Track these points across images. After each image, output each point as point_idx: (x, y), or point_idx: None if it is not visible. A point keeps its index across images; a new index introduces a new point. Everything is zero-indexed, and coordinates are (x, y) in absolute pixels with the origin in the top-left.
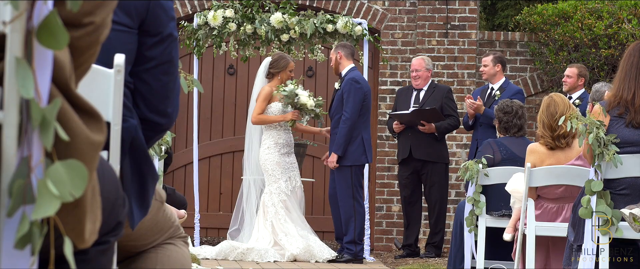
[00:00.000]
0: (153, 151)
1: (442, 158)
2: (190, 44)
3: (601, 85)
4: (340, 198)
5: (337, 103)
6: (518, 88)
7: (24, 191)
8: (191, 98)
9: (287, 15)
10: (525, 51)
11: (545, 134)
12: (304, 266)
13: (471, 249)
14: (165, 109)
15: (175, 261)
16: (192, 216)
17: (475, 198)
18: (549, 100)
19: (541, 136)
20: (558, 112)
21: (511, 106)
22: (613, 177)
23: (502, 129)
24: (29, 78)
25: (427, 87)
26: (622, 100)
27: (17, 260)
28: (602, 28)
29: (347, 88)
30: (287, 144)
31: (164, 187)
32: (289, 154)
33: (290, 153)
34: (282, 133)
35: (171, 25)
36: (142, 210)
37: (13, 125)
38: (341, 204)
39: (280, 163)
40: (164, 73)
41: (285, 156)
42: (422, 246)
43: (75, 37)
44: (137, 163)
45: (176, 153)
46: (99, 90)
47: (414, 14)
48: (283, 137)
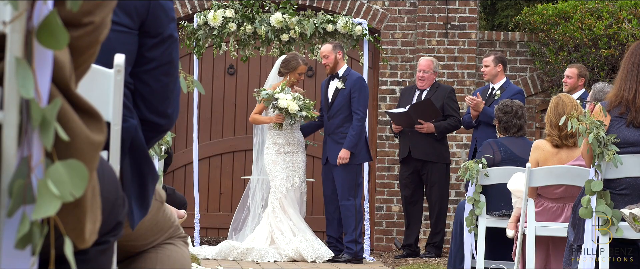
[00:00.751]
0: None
1: (442, 158)
2: (190, 44)
3: (602, 85)
4: (341, 196)
5: (341, 101)
6: (518, 88)
7: (24, 191)
8: (191, 98)
9: (287, 15)
10: (525, 51)
11: (552, 133)
12: (304, 266)
13: (471, 249)
14: (165, 110)
15: (175, 261)
16: (192, 216)
17: (475, 198)
18: (557, 100)
19: (548, 135)
20: (566, 112)
21: (511, 106)
22: (613, 177)
23: (501, 129)
24: (29, 78)
25: (429, 87)
26: (624, 99)
27: (17, 260)
28: (602, 28)
29: (357, 87)
30: (289, 144)
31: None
32: (292, 153)
33: (295, 153)
34: (282, 133)
35: (171, 27)
36: (142, 210)
37: (13, 125)
38: (343, 203)
39: (276, 162)
40: (164, 74)
41: (286, 156)
42: (422, 246)
43: (75, 37)
44: (137, 163)
45: (176, 153)
46: (99, 90)
47: (414, 14)
48: (282, 137)
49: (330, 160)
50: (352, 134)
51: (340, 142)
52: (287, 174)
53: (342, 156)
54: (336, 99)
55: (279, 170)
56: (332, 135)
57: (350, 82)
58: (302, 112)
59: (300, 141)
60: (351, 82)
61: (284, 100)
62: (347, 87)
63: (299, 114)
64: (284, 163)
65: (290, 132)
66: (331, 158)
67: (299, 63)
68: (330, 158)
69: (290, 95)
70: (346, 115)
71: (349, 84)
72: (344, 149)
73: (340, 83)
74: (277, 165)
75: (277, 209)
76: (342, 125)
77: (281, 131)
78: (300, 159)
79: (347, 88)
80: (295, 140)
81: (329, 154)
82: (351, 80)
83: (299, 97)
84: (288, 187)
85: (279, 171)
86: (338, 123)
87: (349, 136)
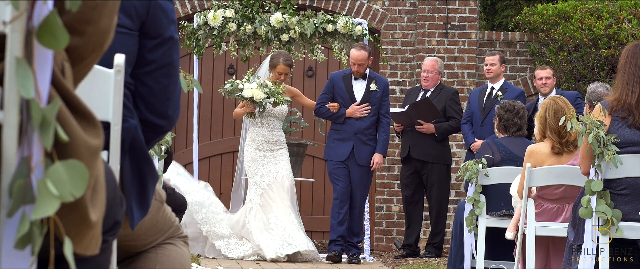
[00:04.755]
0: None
1: (442, 159)
2: (190, 44)
3: (596, 85)
4: (361, 198)
5: (373, 102)
6: (520, 90)
7: (24, 191)
8: (191, 98)
9: (287, 15)
10: (525, 51)
11: (553, 138)
12: (304, 266)
13: (471, 249)
14: (165, 111)
15: (174, 261)
16: None
17: (475, 198)
18: (556, 106)
19: (549, 140)
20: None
21: (513, 105)
22: (613, 177)
23: (501, 127)
24: (29, 78)
25: (434, 88)
26: (626, 103)
27: (17, 260)
28: (602, 28)
29: (387, 91)
30: (268, 141)
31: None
32: (272, 150)
33: (276, 150)
34: (261, 130)
35: (172, 28)
36: (142, 210)
37: (13, 125)
38: (362, 204)
39: (255, 159)
40: (165, 75)
41: (266, 152)
42: (422, 247)
43: (76, 45)
44: (137, 163)
45: (176, 153)
46: (99, 90)
47: (414, 14)
48: (262, 134)
49: (359, 161)
50: (385, 138)
51: (368, 143)
52: (269, 168)
53: (379, 161)
54: (370, 100)
55: (259, 166)
56: (359, 135)
57: (381, 84)
58: (270, 98)
59: (281, 140)
60: (382, 85)
61: (248, 90)
62: (379, 89)
63: (266, 101)
64: (265, 158)
65: (270, 130)
66: (359, 158)
67: (277, 61)
68: (358, 158)
69: (255, 83)
70: (374, 117)
71: (381, 87)
72: (380, 154)
73: (374, 85)
74: (256, 163)
75: (255, 207)
76: (371, 126)
77: (261, 128)
78: (282, 152)
79: (379, 91)
80: (275, 138)
81: (356, 154)
82: (382, 82)
83: (264, 84)
84: (269, 183)
85: (258, 167)
86: (368, 124)
87: (381, 141)
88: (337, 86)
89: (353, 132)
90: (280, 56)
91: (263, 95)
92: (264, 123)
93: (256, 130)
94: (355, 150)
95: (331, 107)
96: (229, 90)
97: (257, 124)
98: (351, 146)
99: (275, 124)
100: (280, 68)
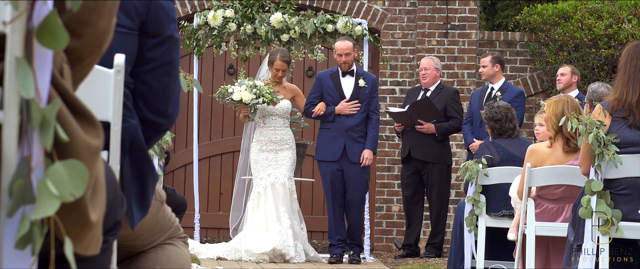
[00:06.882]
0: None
1: (442, 159)
2: (190, 44)
3: (597, 85)
4: (360, 198)
5: (363, 99)
6: (519, 90)
7: (24, 191)
8: (191, 98)
9: (287, 15)
10: (525, 51)
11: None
12: (304, 266)
13: (471, 249)
14: (165, 110)
15: (174, 261)
16: (192, 216)
17: (475, 198)
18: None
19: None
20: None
21: (499, 112)
22: (613, 177)
23: (496, 134)
24: (29, 78)
25: (434, 87)
26: (627, 103)
27: (17, 260)
28: (602, 28)
29: (376, 87)
30: (271, 141)
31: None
32: (275, 151)
33: (280, 150)
34: (264, 130)
35: (172, 27)
36: (142, 210)
37: (13, 125)
38: (360, 204)
39: (257, 161)
40: (165, 74)
41: (269, 154)
42: (422, 247)
43: (75, 47)
44: (137, 163)
45: (176, 153)
46: (99, 90)
47: (414, 14)
48: (265, 134)
49: (351, 158)
50: (374, 134)
51: (359, 140)
52: (268, 172)
53: (369, 157)
54: (359, 97)
55: (260, 168)
56: (350, 132)
57: (369, 80)
58: (259, 99)
59: (285, 139)
60: (371, 81)
61: (237, 93)
62: (368, 85)
63: (255, 102)
64: (266, 161)
65: (273, 129)
66: (351, 155)
67: (275, 58)
68: (350, 155)
69: (244, 85)
70: (364, 113)
71: (369, 83)
72: (369, 150)
73: (362, 81)
74: (258, 164)
75: (255, 207)
76: (361, 123)
77: (263, 129)
78: (285, 156)
79: (368, 87)
80: (279, 137)
81: (348, 151)
82: (370, 79)
83: (253, 85)
84: (266, 186)
85: (259, 170)
86: (358, 121)
87: (371, 137)
88: (325, 84)
89: (343, 129)
90: (278, 52)
91: (252, 97)
92: (266, 122)
93: (260, 131)
94: (347, 148)
95: (317, 110)
96: (220, 96)
97: (260, 124)
98: (343, 144)
99: (278, 122)
100: (277, 64)
